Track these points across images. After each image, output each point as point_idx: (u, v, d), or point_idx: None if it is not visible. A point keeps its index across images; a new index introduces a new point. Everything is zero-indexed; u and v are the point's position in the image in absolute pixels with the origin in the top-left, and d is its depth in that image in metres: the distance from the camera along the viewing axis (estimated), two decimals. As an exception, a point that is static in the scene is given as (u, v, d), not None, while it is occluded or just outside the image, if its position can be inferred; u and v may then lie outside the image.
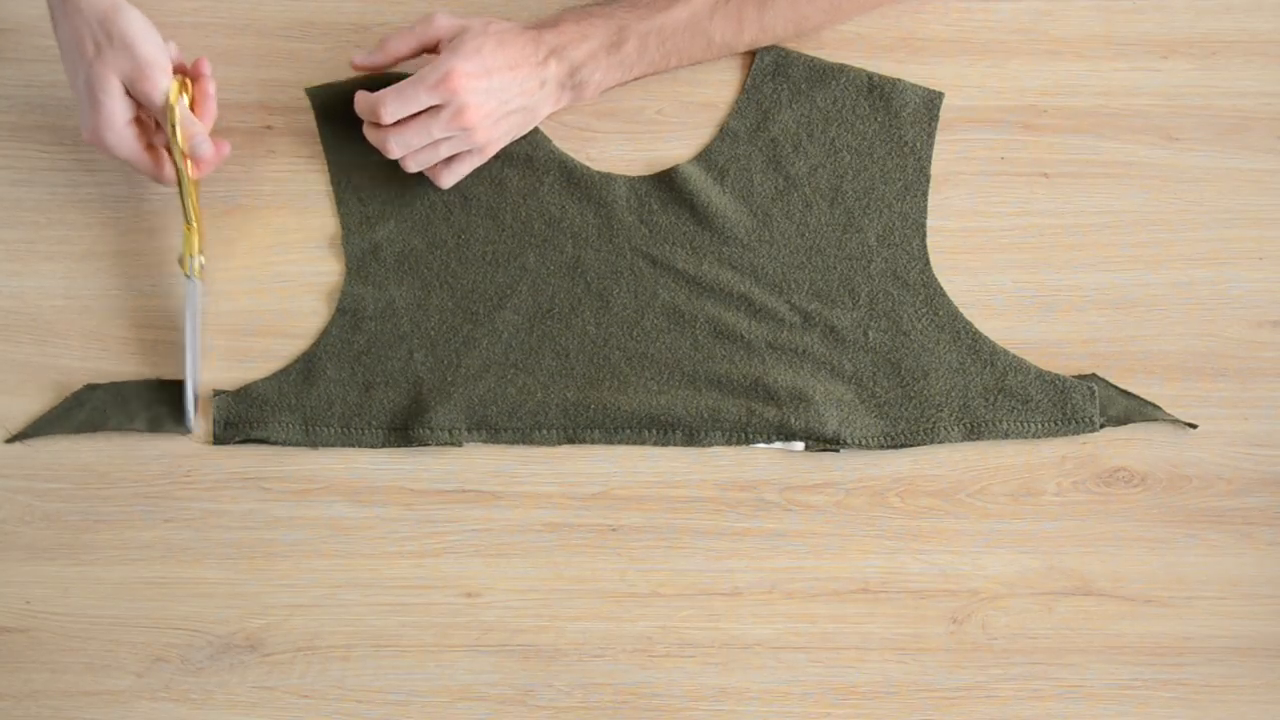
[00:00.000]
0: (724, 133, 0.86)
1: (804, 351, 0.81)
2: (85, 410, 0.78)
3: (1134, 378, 0.81)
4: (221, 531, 0.78)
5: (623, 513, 0.79)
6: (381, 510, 0.78)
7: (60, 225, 0.83)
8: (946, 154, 0.86)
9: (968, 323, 0.82)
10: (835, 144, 0.86)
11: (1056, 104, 0.87)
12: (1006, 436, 0.80)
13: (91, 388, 0.79)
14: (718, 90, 0.88)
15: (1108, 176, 0.85)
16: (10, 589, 0.77)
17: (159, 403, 0.79)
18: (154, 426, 0.78)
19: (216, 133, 0.85)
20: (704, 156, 0.86)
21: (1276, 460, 0.80)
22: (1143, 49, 0.88)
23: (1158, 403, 0.80)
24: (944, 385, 0.81)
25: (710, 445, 0.80)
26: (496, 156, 0.85)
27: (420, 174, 0.83)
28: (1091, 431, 0.80)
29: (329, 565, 0.77)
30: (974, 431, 0.80)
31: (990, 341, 0.82)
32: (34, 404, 0.79)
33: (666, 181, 0.85)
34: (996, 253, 0.84)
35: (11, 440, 0.79)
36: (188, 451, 0.79)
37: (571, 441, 0.80)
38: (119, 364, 0.80)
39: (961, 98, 0.87)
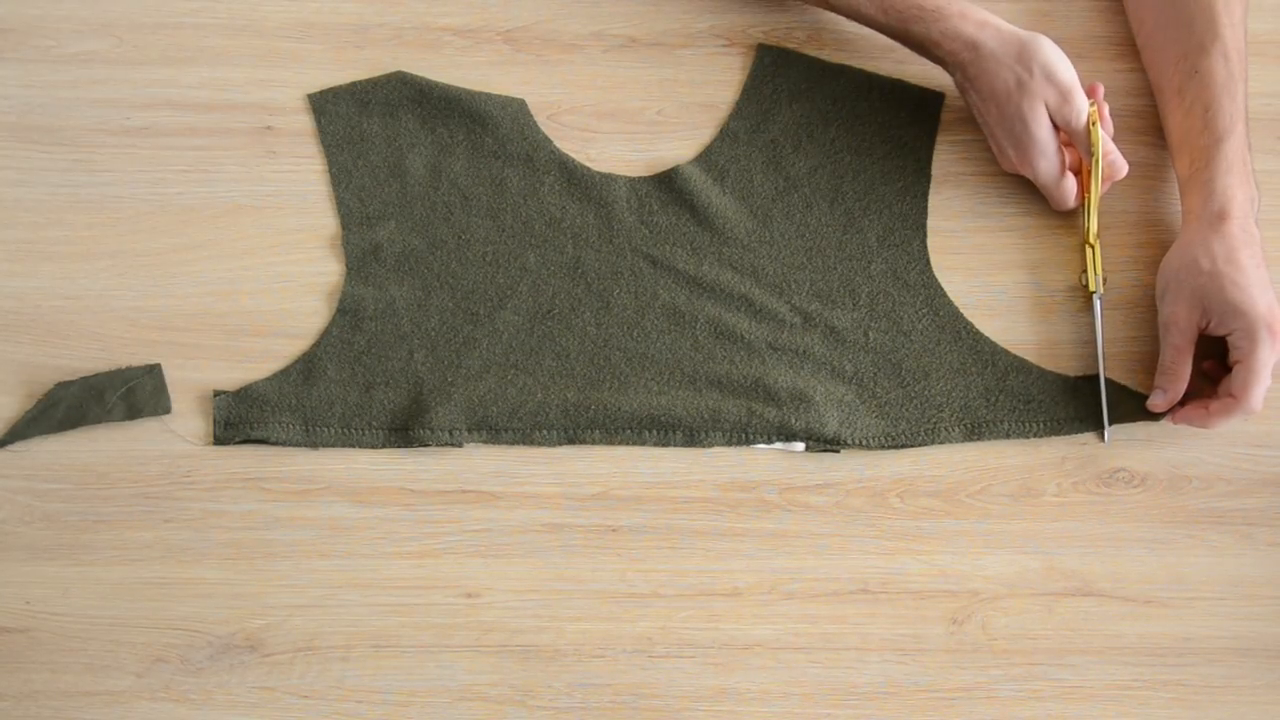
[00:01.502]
0: (724, 133, 0.86)
1: (804, 352, 0.81)
2: (61, 408, 0.78)
3: (1134, 378, 0.81)
4: (221, 532, 0.77)
5: (622, 513, 0.78)
6: (381, 510, 0.78)
7: (60, 225, 0.83)
8: (946, 154, 0.86)
9: (968, 323, 0.82)
10: (835, 144, 0.86)
11: (1057, 104, 0.86)
12: (1008, 436, 0.80)
13: (63, 385, 0.79)
14: (718, 90, 0.88)
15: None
16: (10, 589, 0.76)
17: (132, 390, 0.78)
18: (132, 414, 0.78)
19: (216, 133, 0.85)
20: (704, 157, 0.85)
21: (1276, 460, 0.80)
22: (1143, 49, 0.88)
23: (1158, 403, 0.80)
24: (945, 386, 0.81)
25: (710, 445, 0.79)
26: (497, 157, 0.85)
27: (419, 174, 0.84)
28: (1097, 429, 0.80)
29: (329, 565, 0.77)
30: (975, 432, 0.80)
31: (991, 342, 0.82)
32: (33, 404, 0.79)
33: (667, 182, 0.84)
34: (996, 253, 0.84)
35: None
36: (188, 452, 0.79)
37: (572, 442, 0.79)
38: (119, 365, 0.80)
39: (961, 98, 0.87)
